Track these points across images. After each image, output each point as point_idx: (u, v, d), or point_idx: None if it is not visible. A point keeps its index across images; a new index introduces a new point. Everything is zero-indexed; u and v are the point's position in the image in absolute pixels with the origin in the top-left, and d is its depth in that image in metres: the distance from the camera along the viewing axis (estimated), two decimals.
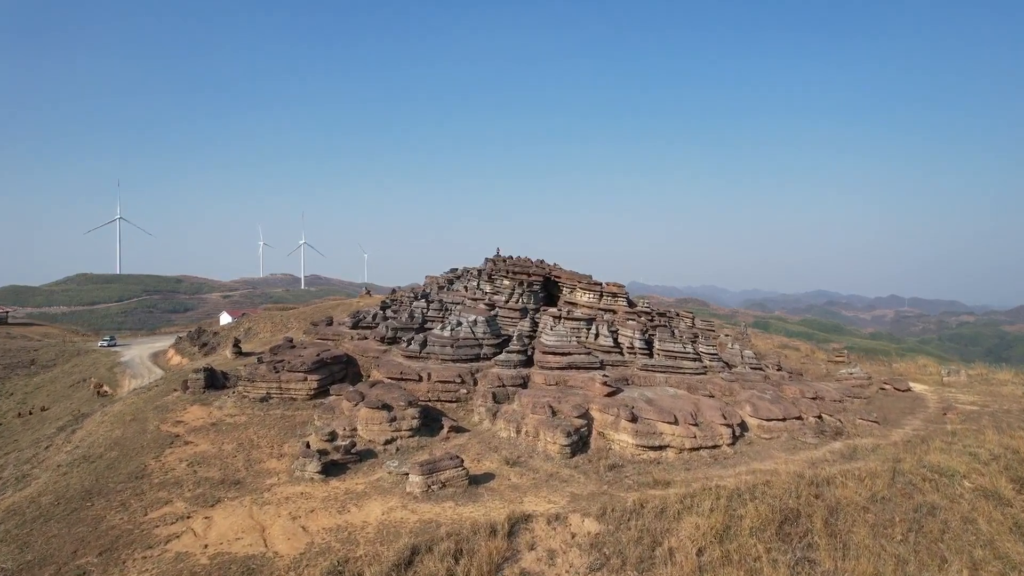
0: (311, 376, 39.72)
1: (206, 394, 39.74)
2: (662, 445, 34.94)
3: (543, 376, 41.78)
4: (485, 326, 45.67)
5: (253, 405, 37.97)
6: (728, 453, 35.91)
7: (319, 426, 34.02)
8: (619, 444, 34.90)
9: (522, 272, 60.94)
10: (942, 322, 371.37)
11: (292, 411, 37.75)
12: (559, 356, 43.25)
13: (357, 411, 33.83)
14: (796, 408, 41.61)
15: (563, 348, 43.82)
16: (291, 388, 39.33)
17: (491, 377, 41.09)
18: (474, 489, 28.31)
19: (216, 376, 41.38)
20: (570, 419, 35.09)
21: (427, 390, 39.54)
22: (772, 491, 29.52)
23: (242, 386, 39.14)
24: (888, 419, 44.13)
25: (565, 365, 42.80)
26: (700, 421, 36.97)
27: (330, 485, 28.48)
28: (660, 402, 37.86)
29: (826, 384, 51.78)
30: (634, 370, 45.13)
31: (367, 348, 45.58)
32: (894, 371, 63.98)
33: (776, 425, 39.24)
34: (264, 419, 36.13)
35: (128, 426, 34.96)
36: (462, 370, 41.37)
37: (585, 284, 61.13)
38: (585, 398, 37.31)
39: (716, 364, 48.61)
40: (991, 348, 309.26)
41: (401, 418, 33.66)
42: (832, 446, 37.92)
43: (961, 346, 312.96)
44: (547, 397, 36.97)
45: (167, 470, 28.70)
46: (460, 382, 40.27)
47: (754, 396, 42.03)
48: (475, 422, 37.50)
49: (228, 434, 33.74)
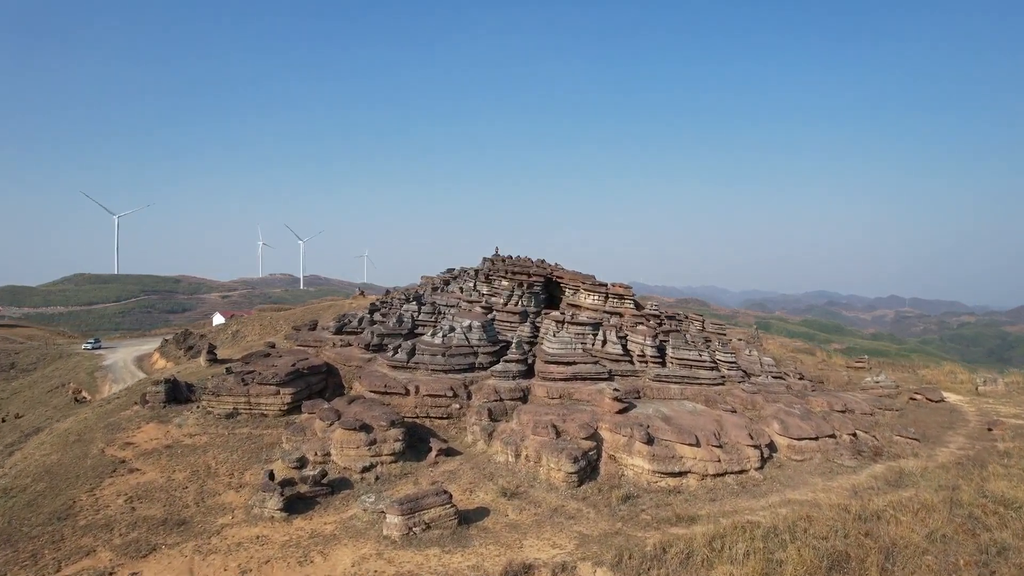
0: (284, 389, 34.88)
1: (167, 410, 34.91)
2: (682, 471, 30.09)
3: (545, 389, 36.91)
4: (481, 332, 40.83)
5: (218, 423, 33.14)
6: (757, 479, 31.07)
7: (287, 450, 29.18)
8: (633, 469, 30.06)
9: (522, 272, 56.08)
10: (943, 322, 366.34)
11: (261, 430, 32.92)
12: (563, 366, 38.37)
13: (331, 432, 28.98)
14: (828, 424, 36.76)
15: (567, 356, 38.96)
16: (261, 403, 34.49)
17: (487, 390, 36.23)
18: (464, 530, 23.49)
19: (180, 389, 36.54)
20: (576, 440, 30.25)
21: (414, 405, 34.69)
22: (815, 529, 24.72)
23: (206, 400, 34.30)
24: (927, 435, 39.28)
25: (569, 376, 37.94)
26: (724, 442, 32.12)
27: (293, 526, 23.64)
28: (679, 420, 32.99)
29: (853, 394, 46.94)
30: (646, 381, 40.24)
31: (350, 356, 40.71)
32: (921, 378, 59.14)
33: (808, 445, 34.38)
34: (228, 440, 31.31)
35: (69, 449, 30.13)
36: (454, 382, 36.51)
37: (589, 285, 56.22)
38: (593, 415, 32.45)
39: (734, 373, 43.75)
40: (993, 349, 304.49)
41: (382, 440, 28.81)
42: (873, 469, 33.06)
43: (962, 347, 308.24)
44: (550, 414, 32.12)
45: (100, 507, 23.84)
46: (452, 396, 35.43)
47: (781, 411, 37.17)
48: (468, 443, 32.64)
49: (183, 459, 28.89)
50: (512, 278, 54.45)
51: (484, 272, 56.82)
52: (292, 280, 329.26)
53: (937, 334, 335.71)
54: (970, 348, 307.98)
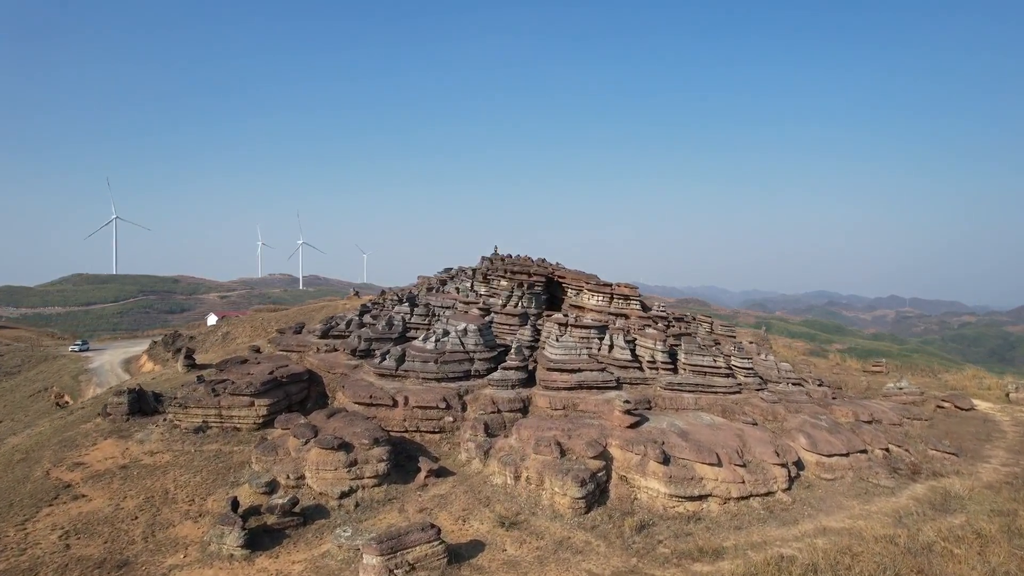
0: (259, 400, 31.27)
1: (130, 423, 31.32)
2: (703, 494, 26.46)
3: (547, 399, 33.30)
4: (477, 336, 37.20)
5: (184, 438, 29.55)
6: (785, 502, 27.45)
7: (256, 472, 25.56)
8: (647, 493, 26.43)
9: (522, 272, 52.45)
10: (944, 322, 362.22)
11: (232, 446, 29.32)
12: (567, 374, 34.75)
13: (306, 452, 25.37)
14: (859, 438, 33.16)
15: (571, 363, 35.34)
16: (234, 416, 30.88)
17: (483, 400, 32.63)
18: (455, 570, 19.94)
19: (145, 399, 32.93)
20: (583, 460, 26.64)
21: (403, 418, 31.07)
22: (860, 566, 21.28)
23: (173, 413, 30.68)
24: (964, 449, 35.65)
25: (574, 384, 34.31)
26: (748, 460, 28.50)
27: (255, 566, 20.07)
28: (697, 435, 29.36)
29: (878, 403, 43.29)
30: (657, 389, 36.60)
31: (335, 363, 37.09)
32: (944, 384, 55.46)
33: (839, 462, 30.75)
34: (193, 458, 27.71)
35: (11, 470, 26.54)
36: (448, 392, 32.89)
37: (593, 285, 52.58)
38: (602, 430, 28.83)
39: (752, 380, 40.11)
40: (994, 349, 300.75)
41: (364, 461, 25.20)
42: (913, 490, 29.43)
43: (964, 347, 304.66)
44: (553, 429, 28.51)
45: (27, 546, 20.24)
46: (445, 407, 31.81)
47: (807, 423, 33.55)
48: (462, 461, 29.00)
49: (138, 482, 25.29)
50: (512, 278, 50.84)
51: (482, 272, 53.22)
52: (291, 280, 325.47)
53: (938, 334, 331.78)
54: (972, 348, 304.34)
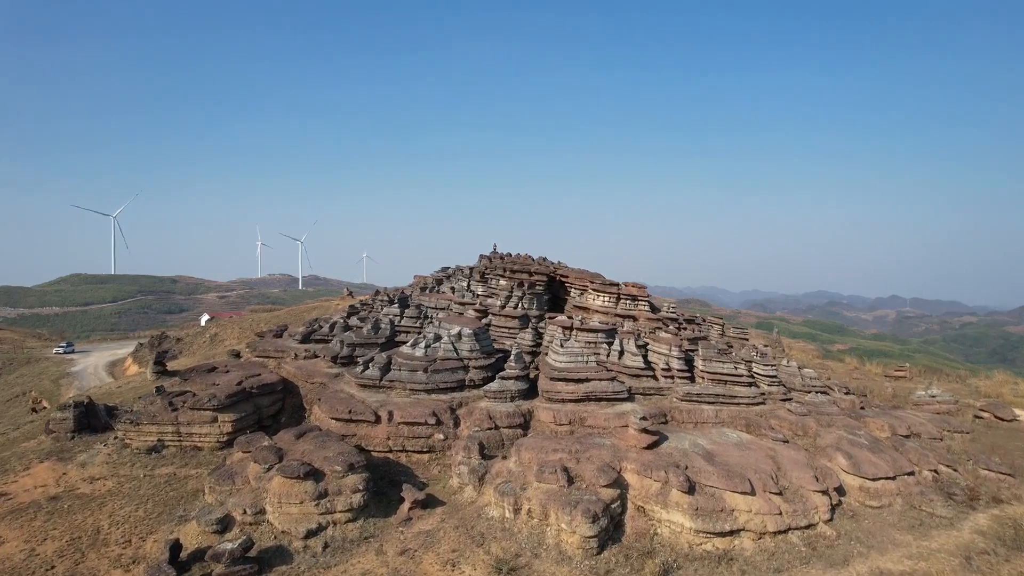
0: (223, 415, 27.11)
1: (75, 441, 27.17)
2: (734, 529, 22.32)
3: (551, 413, 29.12)
4: (473, 341, 33.01)
5: (134, 460, 25.40)
6: (829, 537, 23.27)
7: (209, 505, 21.39)
8: (669, 527, 22.28)
9: (522, 271, 48.30)
10: (945, 323, 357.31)
11: (190, 469, 25.17)
12: (573, 384, 30.59)
13: (268, 481, 21.21)
14: (904, 458, 29.01)
15: (578, 371, 31.19)
16: (194, 433, 26.72)
17: (479, 415, 28.44)
18: None
19: (95, 413, 28.77)
20: (595, 488, 22.49)
21: (387, 436, 26.90)
22: None
23: (123, 431, 26.50)
24: (1016, 467, 31.49)
25: (581, 396, 30.15)
26: (784, 486, 24.34)
27: None
28: (724, 456, 25.20)
29: (912, 413, 39.11)
30: (673, 401, 32.44)
31: (314, 371, 32.93)
32: (975, 390, 51.21)
33: (885, 486, 26.56)
34: (140, 486, 23.56)
35: None
36: (438, 405, 28.71)
37: (599, 285, 48.38)
38: (614, 451, 24.67)
39: (776, 389, 35.96)
40: (996, 349, 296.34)
41: (336, 492, 21.05)
42: (975, 521, 25.24)
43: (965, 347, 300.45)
44: (559, 451, 24.36)
45: None
46: (435, 423, 27.63)
47: (844, 440, 29.41)
48: (453, 487, 24.82)
49: (67, 518, 21.13)
50: (511, 277, 46.68)
51: (479, 270, 49.04)
52: (291, 280, 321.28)
53: (939, 334, 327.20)
54: (973, 348, 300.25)
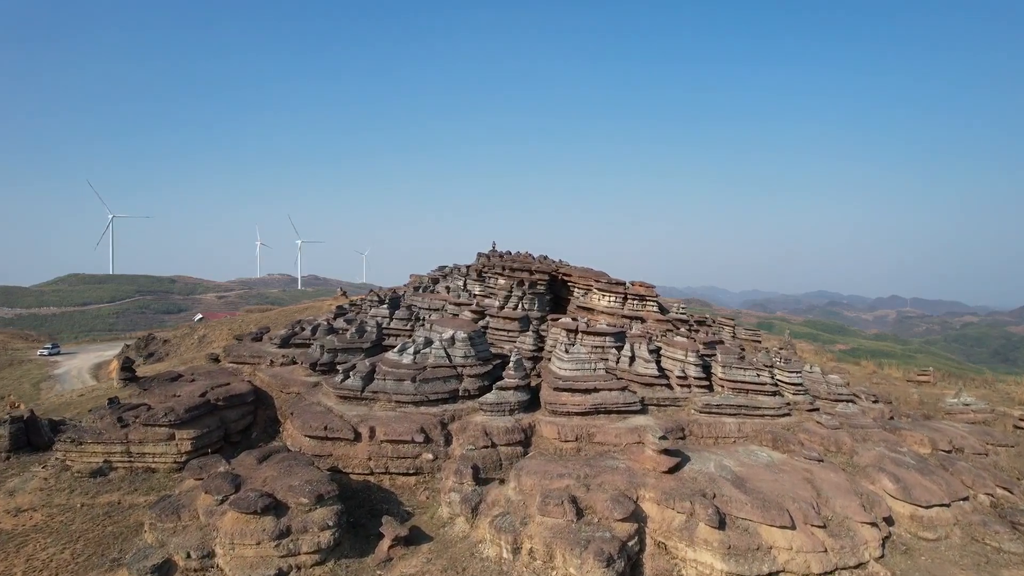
0: (182, 432, 23.49)
1: (9, 463, 23.52)
2: (773, 571, 18.70)
3: (555, 428, 25.49)
4: (467, 346, 29.37)
5: (74, 486, 21.78)
6: None
7: (147, 546, 17.75)
8: (696, 569, 18.65)
9: (522, 269, 44.68)
10: (946, 323, 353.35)
11: (139, 496, 21.56)
12: (580, 395, 26.96)
13: (220, 516, 17.56)
14: (957, 479, 25.41)
15: (585, 380, 27.56)
16: (147, 453, 23.12)
17: (473, 431, 24.80)
18: None
19: (37, 429, 25.12)
20: (608, 523, 18.87)
21: (367, 456, 23.28)
22: None
23: (63, 452, 22.86)
24: None
25: (589, 408, 26.51)
26: (828, 517, 20.76)
27: None
28: (755, 481, 21.59)
29: (950, 424, 35.49)
30: (691, 413, 28.81)
31: (290, 379, 29.32)
32: (1005, 395, 47.50)
33: (940, 515, 22.92)
34: (75, 518, 19.93)
35: None
36: (428, 419, 25.06)
37: (604, 284, 44.74)
38: (630, 476, 21.06)
39: (802, 398, 32.34)
40: (997, 349, 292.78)
41: (301, 529, 17.41)
42: None
43: (967, 347, 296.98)
44: (566, 476, 20.75)
45: None
46: (423, 440, 23.98)
47: (886, 459, 25.77)
48: (443, 518, 21.17)
49: None
50: (510, 275, 43.06)
51: (476, 268, 45.41)
52: (290, 280, 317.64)
53: (940, 334, 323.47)
54: (975, 348, 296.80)
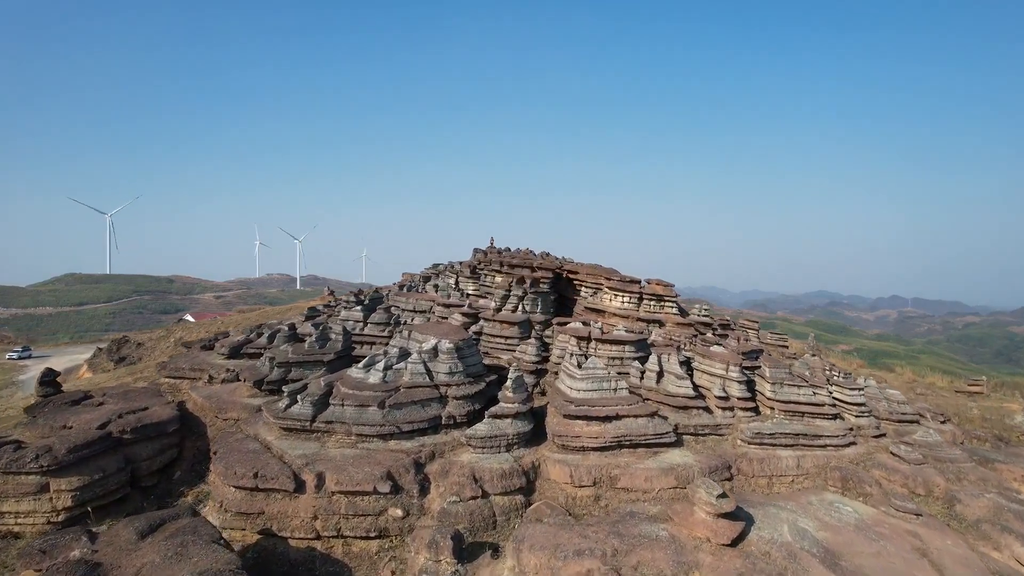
0: (61, 481, 16.98)
1: None
2: None
3: (567, 469, 18.98)
4: (453, 359, 22.81)
5: None
6: None
7: None
8: None
9: (523, 265, 38.17)
10: (947, 323, 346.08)
11: None
12: (598, 423, 20.42)
13: None
14: None
15: (604, 403, 21.06)
16: (6, 513, 16.57)
17: (458, 475, 18.25)
18: None
19: None
20: None
21: (313, 514, 16.74)
22: None
23: None
24: None
25: (610, 441, 19.99)
26: None
27: None
28: (852, 557, 15.01)
29: None
30: (737, 443, 22.27)
31: (230, 401, 22.81)
32: None
33: None
34: None
35: None
36: (397, 459, 18.51)
37: (616, 283, 38.16)
38: (676, 552, 14.57)
39: (866, 422, 25.81)
40: (1000, 350, 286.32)
41: None
42: None
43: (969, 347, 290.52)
44: (586, 554, 14.22)
45: None
46: (390, 491, 17.42)
47: (1004, 511, 19.23)
48: None
49: None
50: (509, 272, 36.54)
51: (469, 264, 38.89)
52: (289, 280, 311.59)
53: (942, 335, 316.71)
54: (977, 349, 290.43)
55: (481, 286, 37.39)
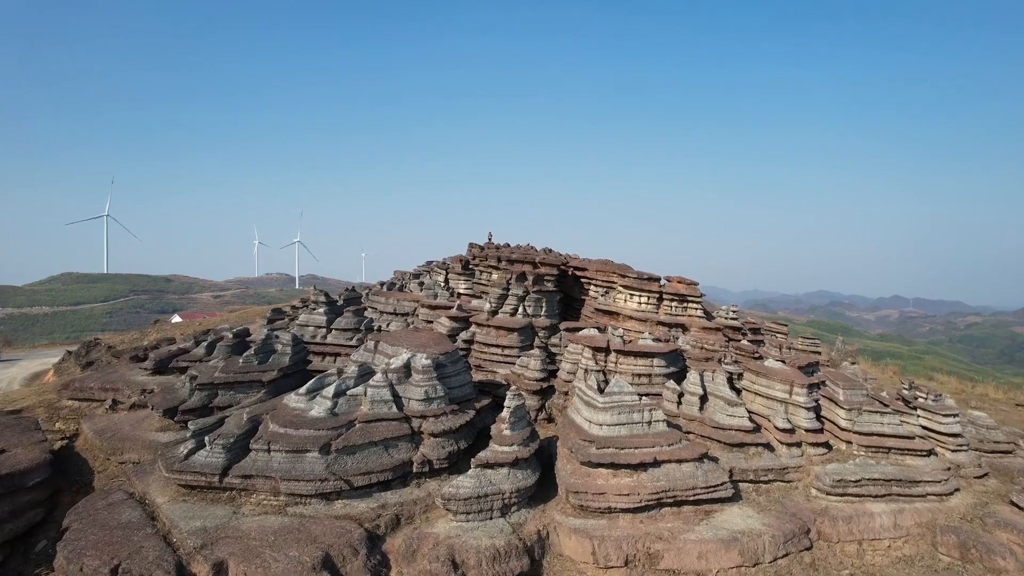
0: None
1: None
2: None
3: (588, 543, 12.99)
4: (431, 380, 16.78)
5: None
6: None
7: None
8: None
9: (523, 260, 32.16)
10: (949, 323, 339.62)
11: None
12: (629, 472, 14.43)
13: None
14: None
15: (635, 442, 15.09)
16: None
17: (429, 556, 12.21)
18: None
19: None
20: None
21: None
22: None
23: None
24: None
25: (648, 500, 14.03)
26: None
27: None
28: None
29: None
30: (811, 494, 16.29)
31: (131, 437, 16.76)
32: None
33: None
34: None
35: None
36: (342, 532, 12.46)
37: (632, 281, 32.04)
38: None
39: (966, 458, 19.83)
40: (1004, 350, 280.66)
41: None
42: None
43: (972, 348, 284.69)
44: None
45: None
46: None
47: None
48: None
49: None
50: (507, 268, 30.51)
51: (461, 259, 32.85)
52: (288, 280, 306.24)
53: (944, 335, 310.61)
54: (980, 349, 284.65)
55: (475, 284, 31.37)
